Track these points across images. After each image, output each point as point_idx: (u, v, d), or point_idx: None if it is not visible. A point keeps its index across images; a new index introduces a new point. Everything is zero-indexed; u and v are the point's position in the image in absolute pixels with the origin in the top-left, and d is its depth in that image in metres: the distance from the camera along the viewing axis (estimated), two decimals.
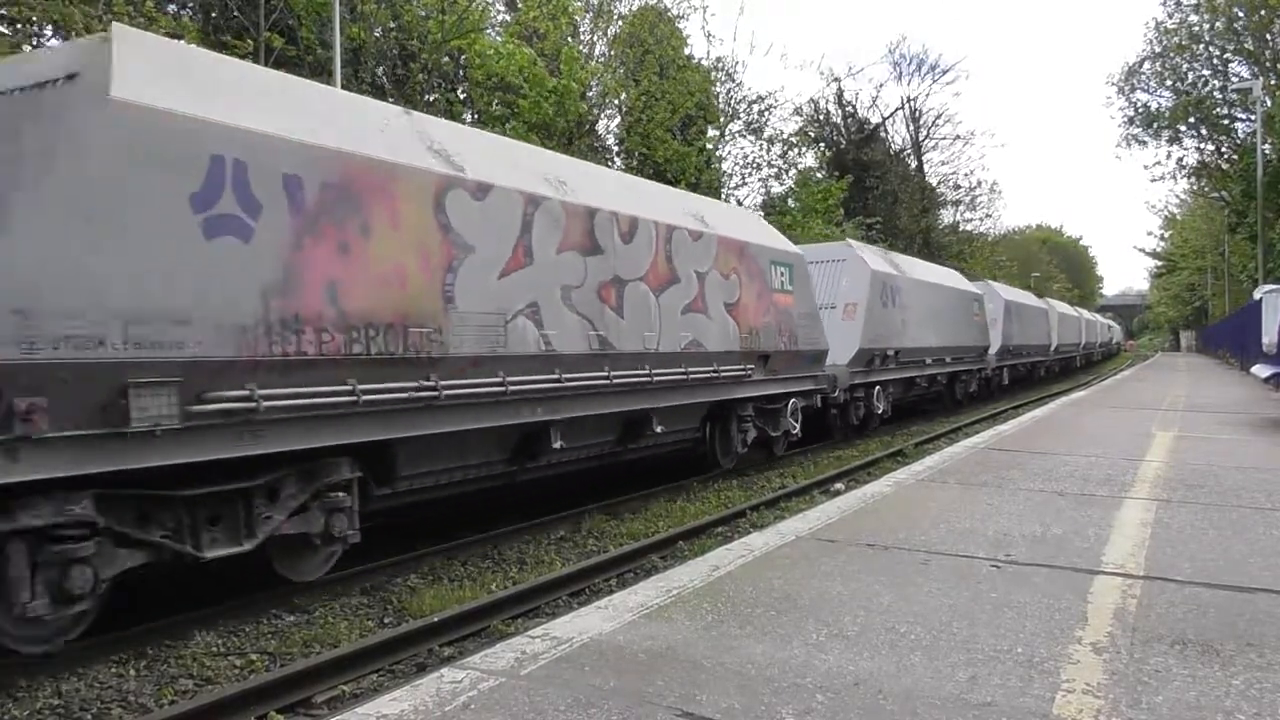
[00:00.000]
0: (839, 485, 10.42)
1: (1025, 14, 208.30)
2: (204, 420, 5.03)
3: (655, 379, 8.95)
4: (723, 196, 31.38)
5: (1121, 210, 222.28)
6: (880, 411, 16.08)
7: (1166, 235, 67.28)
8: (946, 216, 53.25)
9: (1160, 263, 73.62)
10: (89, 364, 4.52)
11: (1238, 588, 4.30)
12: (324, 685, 4.68)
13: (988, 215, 60.38)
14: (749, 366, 10.80)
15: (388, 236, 6.19)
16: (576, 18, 26.47)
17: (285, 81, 6.60)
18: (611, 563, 7.09)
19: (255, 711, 4.33)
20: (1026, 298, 32.68)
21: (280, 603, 6.09)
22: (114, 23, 6.57)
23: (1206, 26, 38.36)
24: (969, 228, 54.93)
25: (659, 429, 9.45)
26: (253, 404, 5.21)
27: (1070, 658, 3.41)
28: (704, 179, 29.09)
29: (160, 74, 5.18)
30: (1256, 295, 20.89)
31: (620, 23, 28.44)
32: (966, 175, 71.92)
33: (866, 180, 41.18)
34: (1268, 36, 36.64)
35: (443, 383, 6.48)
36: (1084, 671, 3.27)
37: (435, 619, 5.51)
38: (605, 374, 8.24)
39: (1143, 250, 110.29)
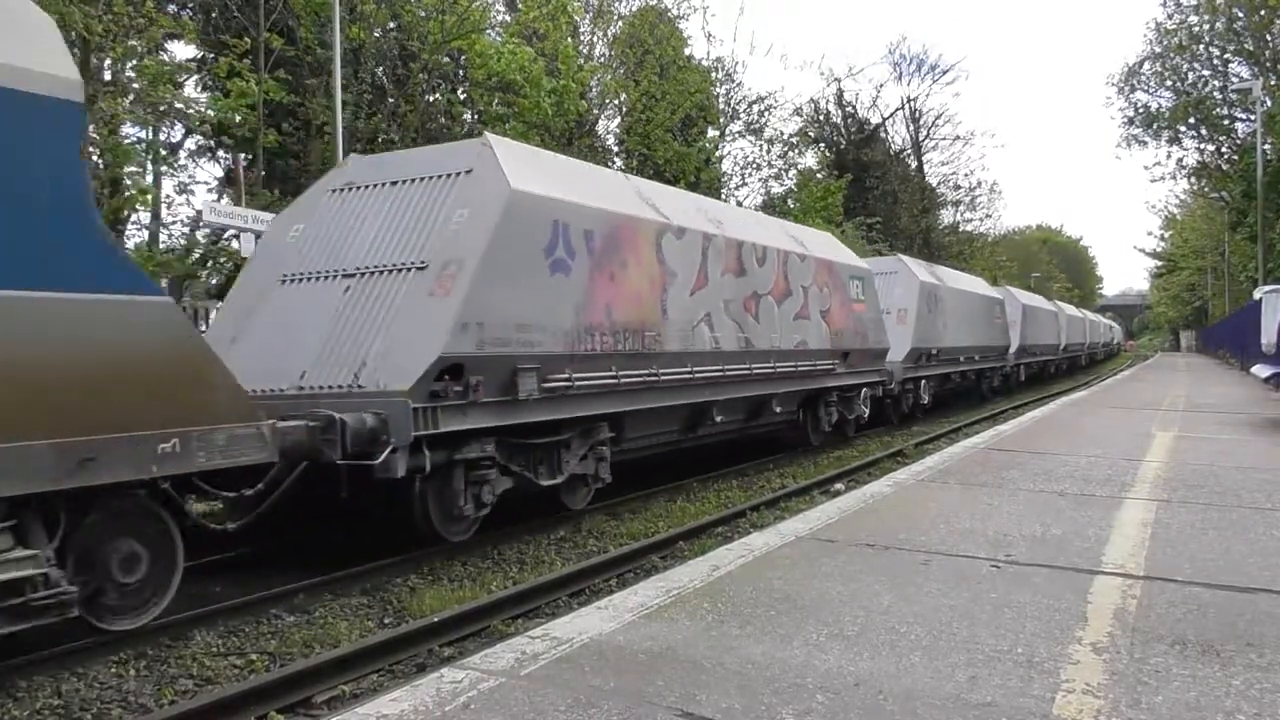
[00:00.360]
0: (839, 485, 10.42)
1: (1025, 14, 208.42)
2: (547, 393, 7.68)
3: (778, 370, 11.68)
4: (722, 196, 31.38)
5: (1121, 210, 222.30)
6: (925, 401, 18.79)
7: (1166, 235, 67.30)
8: (946, 216, 53.34)
9: (1160, 263, 73.61)
10: (502, 356, 7.22)
11: (1238, 588, 4.30)
12: (324, 685, 4.68)
13: (988, 215, 60.46)
14: (835, 361, 13.49)
15: (634, 268, 8.94)
16: (576, 18, 26.45)
17: (574, 164, 10.01)
18: (611, 563, 7.09)
19: (255, 711, 4.32)
20: (1040, 301, 35.82)
21: (280, 603, 6.10)
22: (487, 133, 9.71)
23: (1206, 27, 38.38)
24: (969, 228, 55.05)
25: (777, 409, 12.21)
26: (569, 383, 7.92)
27: (1070, 658, 3.41)
28: (704, 178, 29.09)
29: (522, 167, 7.86)
30: (1256, 295, 20.91)
31: (620, 23, 28.44)
32: (966, 175, 71.97)
33: (866, 180, 41.21)
34: (1267, 37, 36.63)
35: (660, 371, 9.22)
36: (1084, 671, 3.27)
37: (435, 619, 5.51)
38: (748, 366, 10.95)
39: (1143, 250, 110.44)
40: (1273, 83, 34.81)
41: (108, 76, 17.18)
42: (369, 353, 6.83)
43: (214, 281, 21.20)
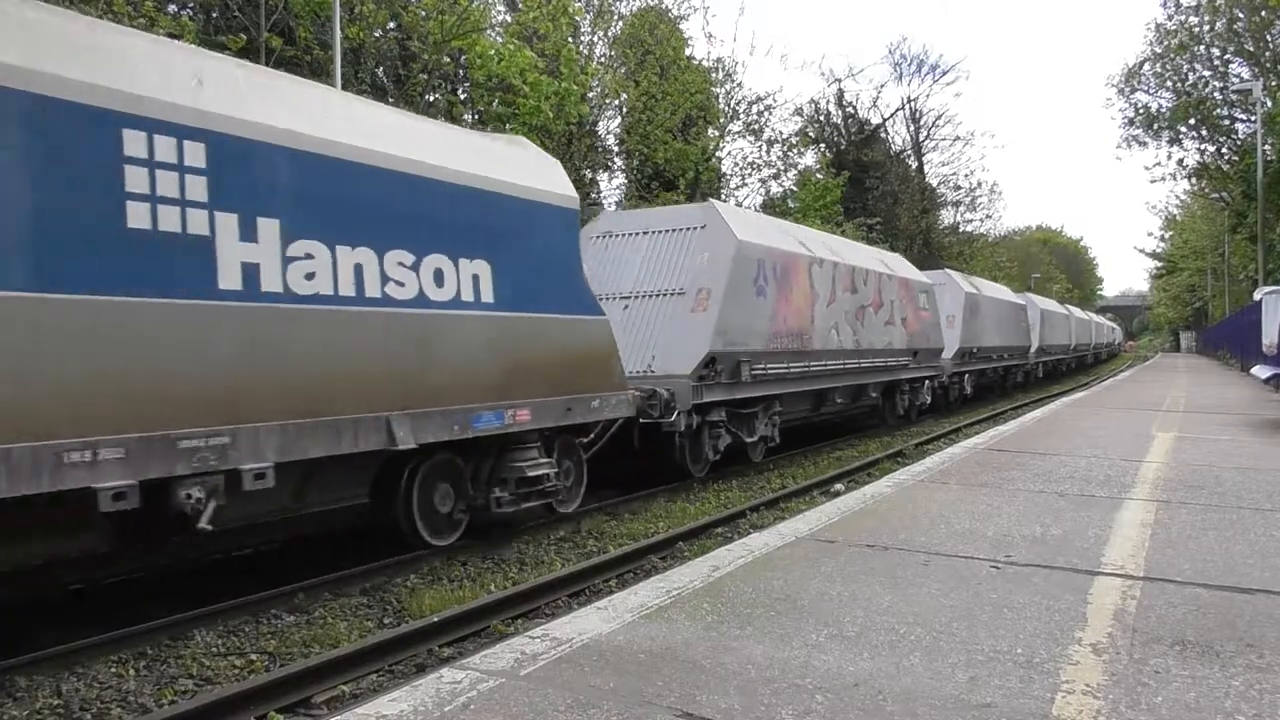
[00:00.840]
0: (839, 486, 10.43)
1: (1025, 14, 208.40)
2: (753, 378, 11.23)
3: (874, 365, 15.42)
4: (722, 196, 31.41)
5: (1122, 211, 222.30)
6: (968, 392, 23.01)
7: (1167, 236, 67.25)
8: (946, 217, 53.29)
9: (1160, 263, 73.56)
10: (734, 353, 10.71)
11: (1237, 589, 4.30)
12: (324, 685, 4.68)
13: (988, 216, 60.50)
14: (909, 358, 17.18)
15: (797, 291, 12.50)
16: (576, 18, 26.44)
17: (760, 217, 14.43)
18: (611, 563, 7.09)
19: (255, 711, 4.33)
20: (1054, 306, 40.06)
21: (280, 602, 6.10)
22: (710, 199, 14.79)
23: (1206, 28, 38.32)
24: (969, 228, 54.98)
25: (873, 394, 16.46)
26: (764, 371, 11.53)
27: (1070, 658, 3.41)
28: (703, 177, 29.08)
29: (739, 223, 11.39)
30: (1256, 296, 20.88)
31: (620, 24, 28.43)
32: (967, 176, 72.08)
33: (867, 181, 41.18)
34: (1268, 37, 36.60)
35: (810, 363, 12.90)
36: (1083, 672, 3.27)
37: (435, 619, 5.52)
38: (858, 362, 14.62)
39: (1143, 251, 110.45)
40: (1273, 84, 34.78)
41: None
42: (655, 349, 10.39)
43: None
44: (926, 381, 18.75)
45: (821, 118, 44.12)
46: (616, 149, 29.60)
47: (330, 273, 6.01)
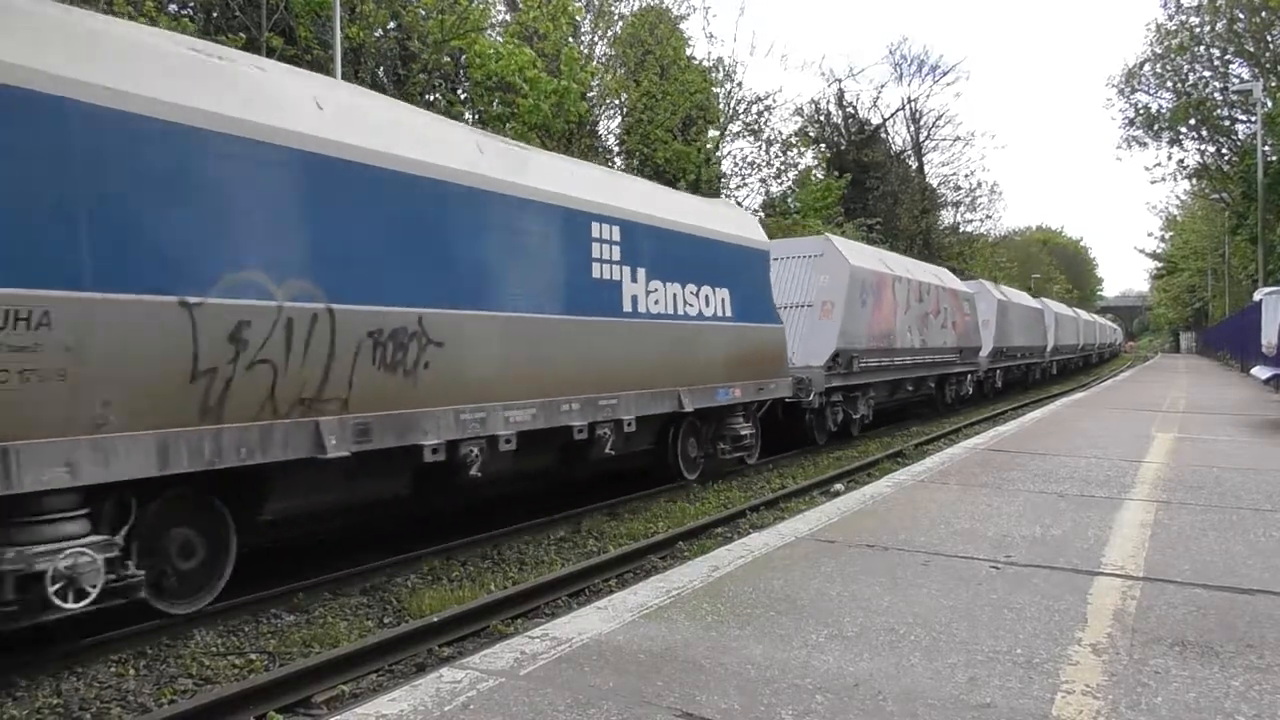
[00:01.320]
0: (839, 486, 10.43)
1: (1025, 15, 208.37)
2: (860, 370, 14.96)
3: (934, 360, 19.32)
4: (722, 196, 31.42)
5: (1122, 211, 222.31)
6: (999, 385, 26.96)
7: (1167, 236, 67.22)
8: (947, 217, 53.29)
9: (1160, 264, 73.53)
10: (850, 350, 14.53)
11: (1237, 589, 4.30)
12: (323, 685, 4.68)
13: (988, 216, 60.44)
14: (955, 356, 21.14)
15: (885, 302, 16.18)
16: (576, 17, 26.43)
17: (861, 245, 18.60)
18: (611, 563, 7.09)
19: (255, 711, 4.33)
20: (1065, 309, 43.70)
21: (279, 602, 6.10)
22: (826, 233, 19.75)
23: (1207, 28, 38.30)
24: (969, 229, 54.97)
25: (931, 386, 20.25)
26: (866, 364, 15.17)
27: (1070, 659, 3.41)
28: (703, 177, 29.07)
29: (850, 250, 15.59)
30: (1257, 297, 20.88)
31: (621, 23, 28.42)
32: (967, 176, 72.03)
33: (867, 181, 41.19)
34: (1268, 38, 36.58)
35: (894, 359, 16.66)
36: (1083, 673, 3.27)
37: (434, 619, 5.51)
38: (924, 358, 18.56)
39: (1143, 251, 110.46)
40: (1273, 84, 34.77)
41: None
42: (795, 346, 13.43)
43: None
44: (969, 375, 22.99)
45: (821, 118, 44.14)
46: (617, 149, 29.60)
47: (664, 299, 9.80)
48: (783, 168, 33.33)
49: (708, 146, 29.95)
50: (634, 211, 9.41)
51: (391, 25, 22.17)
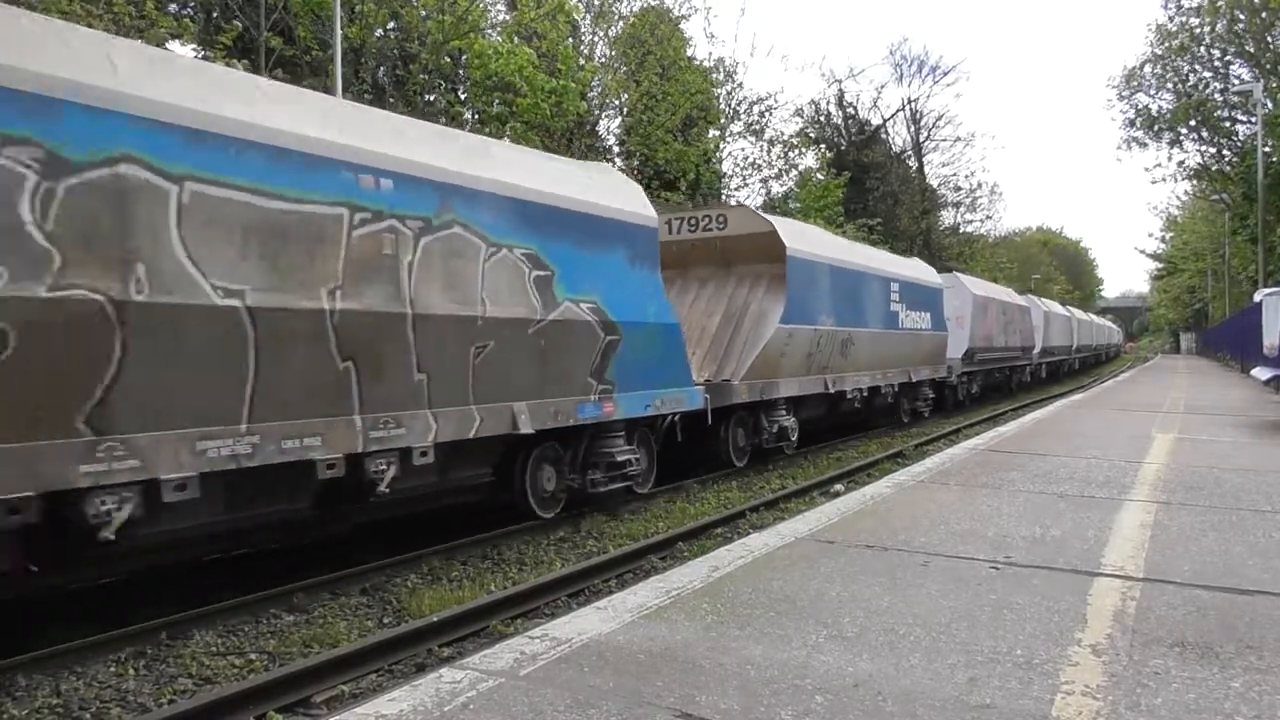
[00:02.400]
0: (839, 486, 10.42)
1: (1025, 15, 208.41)
2: (979, 362, 23.44)
3: (1015, 355, 28.05)
4: (722, 197, 31.41)
5: (1122, 212, 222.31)
6: (1043, 376, 34.97)
7: (1167, 237, 67.19)
8: (947, 218, 53.23)
9: (1161, 265, 73.50)
10: (974, 348, 22.53)
11: (1237, 590, 4.30)
12: (323, 685, 4.68)
13: (988, 217, 60.31)
14: (1020, 352, 28.26)
15: (987, 316, 24.09)
16: (575, 17, 26.41)
17: (976, 279, 28.36)
18: (611, 563, 7.09)
19: (254, 711, 4.33)
20: (1083, 314, 52.35)
21: (279, 602, 6.10)
22: (955, 271, 27.57)
23: (1207, 29, 38.29)
24: (969, 229, 54.94)
25: (1010, 374, 28.61)
26: (979, 357, 23.18)
27: (1069, 659, 3.41)
28: (704, 178, 29.06)
29: (972, 282, 24.66)
30: (1257, 298, 20.87)
31: (621, 24, 28.41)
32: (967, 177, 71.71)
33: (867, 181, 41.17)
34: (1268, 39, 36.56)
35: (992, 354, 25.00)
36: (1083, 673, 3.27)
37: (434, 619, 5.51)
38: (1011, 352, 27.27)
39: (1143, 252, 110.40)
40: (1274, 84, 34.77)
41: None
42: (947, 346, 20.05)
43: None
44: (1028, 367, 31.51)
45: (822, 118, 44.12)
46: (617, 149, 29.59)
47: (911, 319, 16.77)
48: (784, 168, 33.34)
49: (709, 147, 29.95)
50: (903, 273, 17.93)
51: (391, 25, 22.17)
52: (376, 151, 6.43)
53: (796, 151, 33.74)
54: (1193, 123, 40.44)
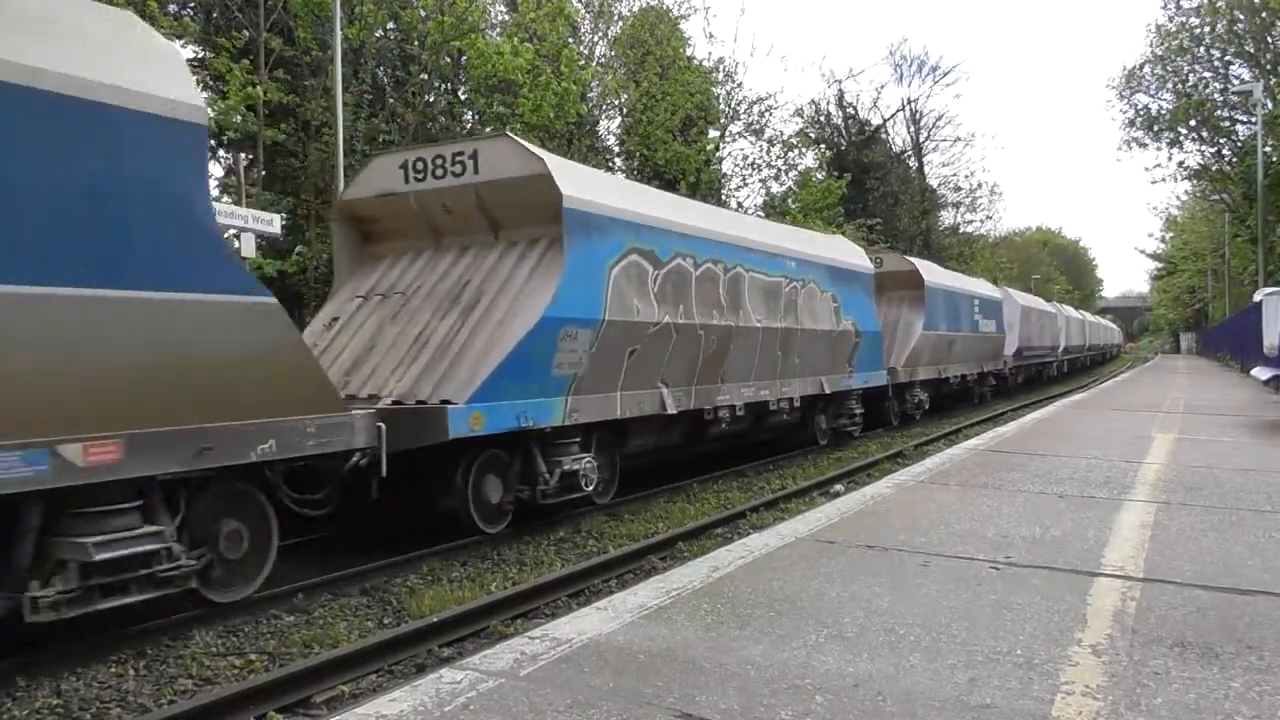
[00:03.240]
0: (839, 487, 10.42)
1: (1025, 16, 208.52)
2: (1025, 357, 30.21)
3: (1045, 355, 34.79)
4: (722, 197, 31.42)
5: (1122, 212, 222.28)
6: (1065, 370, 40.39)
7: (1167, 237, 67.22)
8: (947, 218, 53.33)
9: (1161, 265, 73.52)
10: (1021, 347, 29.14)
11: (1237, 590, 4.30)
12: (323, 685, 4.68)
13: (988, 217, 60.45)
14: (1050, 350, 35.13)
15: (1033, 322, 31.44)
16: (575, 18, 26.42)
17: (1022, 293, 35.03)
18: (611, 563, 7.09)
19: (254, 711, 4.33)
20: (1093, 317, 57.87)
21: (280, 603, 6.10)
22: (1003, 285, 34.22)
23: (1207, 29, 38.30)
24: (969, 229, 55.01)
25: (1040, 369, 34.99)
26: (1024, 353, 29.75)
27: (1069, 660, 3.41)
28: (704, 178, 29.06)
29: (1019, 294, 33.57)
30: (1257, 298, 20.87)
31: (621, 24, 28.42)
32: (967, 177, 72.06)
33: (867, 182, 41.21)
34: (1268, 39, 36.58)
35: (1031, 352, 31.75)
36: (1083, 673, 3.27)
37: (434, 619, 5.51)
38: (1044, 351, 34.32)
39: (1143, 252, 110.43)
40: (1274, 84, 34.77)
41: None
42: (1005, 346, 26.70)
43: None
44: (1053, 364, 36.56)
45: (822, 118, 44.18)
46: (617, 149, 29.59)
47: (984, 325, 23.74)
48: (784, 169, 33.35)
49: (709, 148, 29.96)
50: (974, 290, 22.60)
51: (390, 26, 22.16)
52: (786, 246, 12.79)
53: (796, 151, 33.77)
54: (1193, 123, 40.46)
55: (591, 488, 8.63)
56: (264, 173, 20.89)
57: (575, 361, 8.19)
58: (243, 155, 20.24)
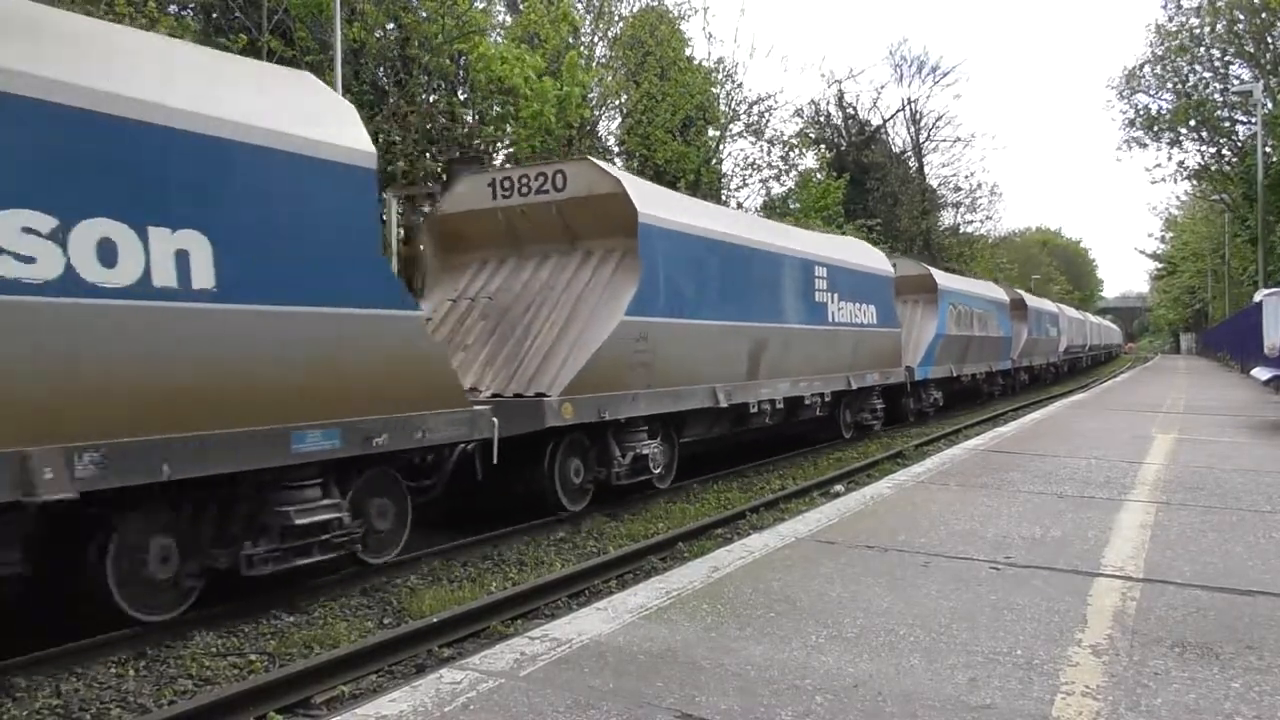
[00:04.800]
0: (839, 487, 10.42)
1: (1025, 16, 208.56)
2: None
3: (1066, 354, 40.59)
4: (723, 197, 31.41)
5: (1122, 212, 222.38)
6: (1065, 370, 40.54)
7: (1167, 237, 67.21)
8: (947, 218, 53.27)
9: (1161, 265, 73.52)
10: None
11: (1237, 590, 4.30)
12: (323, 686, 4.68)
13: (988, 217, 60.46)
14: (1066, 348, 39.22)
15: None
16: (576, 23, 26.42)
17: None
18: (611, 564, 7.09)
19: (254, 712, 4.33)
20: (1095, 318, 60.83)
21: (280, 603, 6.10)
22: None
23: (1207, 29, 38.32)
24: (969, 229, 54.98)
25: (1068, 366, 41.72)
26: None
27: (1069, 660, 3.41)
28: (704, 179, 29.06)
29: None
30: (1257, 298, 20.87)
31: (621, 24, 28.42)
32: (967, 177, 71.96)
33: (867, 182, 41.21)
34: (1268, 39, 36.58)
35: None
36: (1083, 674, 3.27)
37: (434, 620, 5.51)
38: (1078, 347, 44.24)
39: (1143, 252, 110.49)
40: (1274, 84, 34.77)
41: None
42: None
43: None
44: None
45: (822, 119, 44.16)
46: (617, 150, 29.59)
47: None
48: (784, 169, 33.35)
49: (710, 146, 29.96)
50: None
51: (391, 26, 22.16)
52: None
53: (796, 152, 33.77)
54: (1193, 123, 40.46)
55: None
56: None
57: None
58: None
